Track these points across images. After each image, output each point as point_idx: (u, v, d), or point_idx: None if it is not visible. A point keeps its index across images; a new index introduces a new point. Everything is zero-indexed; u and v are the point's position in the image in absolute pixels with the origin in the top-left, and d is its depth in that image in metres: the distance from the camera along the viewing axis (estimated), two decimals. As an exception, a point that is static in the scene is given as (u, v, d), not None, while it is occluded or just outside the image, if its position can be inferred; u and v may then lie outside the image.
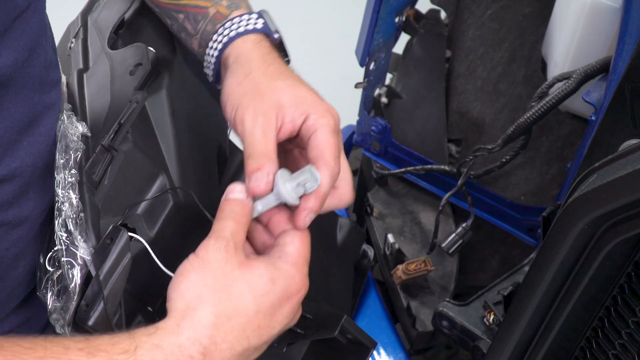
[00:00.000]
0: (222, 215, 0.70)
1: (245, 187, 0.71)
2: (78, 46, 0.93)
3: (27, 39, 0.68)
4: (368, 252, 1.15)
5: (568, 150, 1.32)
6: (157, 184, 0.77)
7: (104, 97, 0.82)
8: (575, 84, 1.01)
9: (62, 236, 0.71)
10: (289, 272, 0.68)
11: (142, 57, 0.83)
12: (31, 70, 0.70)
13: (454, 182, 1.33)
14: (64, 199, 0.72)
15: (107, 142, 0.75)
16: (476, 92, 1.43)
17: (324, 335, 0.82)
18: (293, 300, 0.69)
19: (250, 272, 0.66)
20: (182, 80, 0.88)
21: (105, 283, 0.67)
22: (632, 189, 0.65)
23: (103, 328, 0.67)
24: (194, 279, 0.65)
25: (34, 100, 0.71)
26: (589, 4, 1.07)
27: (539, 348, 0.81)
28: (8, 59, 0.65)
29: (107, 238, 0.69)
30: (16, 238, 0.74)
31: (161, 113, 0.83)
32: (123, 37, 0.91)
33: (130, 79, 0.82)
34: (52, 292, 0.73)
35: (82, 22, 0.96)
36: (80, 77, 0.87)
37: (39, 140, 0.73)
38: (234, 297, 0.65)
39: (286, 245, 0.70)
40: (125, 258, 0.68)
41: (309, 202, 0.71)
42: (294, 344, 0.86)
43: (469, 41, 1.45)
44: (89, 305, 0.67)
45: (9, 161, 0.70)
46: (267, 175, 0.70)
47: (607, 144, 0.81)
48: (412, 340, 1.25)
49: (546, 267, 0.75)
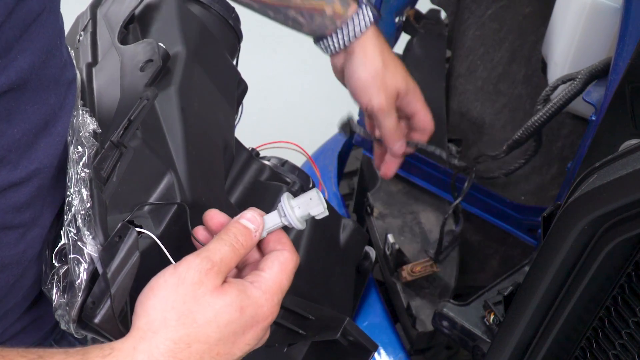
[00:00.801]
0: (224, 236, 0.69)
1: (260, 219, 0.71)
2: (87, 39, 0.92)
3: (44, 41, 0.67)
4: (370, 254, 1.15)
5: (568, 150, 1.32)
6: (164, 182, 0.77)
7: (114, 92, 0.82)
8: (581, 85, 1.01)
9: (71, 232, 0.71)
10: (258, 301, 0.68)
11: (153, 54, 0.83)
12: (47, 71, 0.69)
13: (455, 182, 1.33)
14: (75, 194, 0.72)
15: (117, 139, 0.75)
16: (476, 92, 1.43)
17: (325, 337, 0.82)
18: (257, 328, 0.68)
19: (221, 299, 0.66)
20: (191, 76, 0.88)
21: (113, 281, 0.66)
22: (632, 189, 0.65)
23: (109, 326, 0.67)
24: (163, 297, 0.65)
25: (50, 101, 0.71)
26: (589, 4, 1.07)
27: (539, 348, 0.81)
28: (25, 62, 0.65)
29: (116, 236, 0.68)
30: (32, 239, 0.74)
31: (170, 110, 0.82)
32: (133, 32, 0.91)
33: (141, 75, 0.82)
34: (57, 287, 0.72)
35: (91, 14, 0.96)
36: (89, 71, 0.87)
37: (56, 141, 0.73)
38: (198, 324, 0.64)
39: (264, 270, 0.70)
40: (134, 256, 0.68)
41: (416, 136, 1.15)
42: (295, 345, 0.86)
43: (469, 41, 1.45)
44: (95, 303, 0.66)
45: (27, 164, 0.70)
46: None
47: (607, 144, 0.81)
48: (412, 340, 1.25)
49: (546, 267, 0.75)
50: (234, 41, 1.02)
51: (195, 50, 0.90)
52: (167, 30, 0.90)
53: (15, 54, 0.63)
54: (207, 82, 0.91)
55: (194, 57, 0.89)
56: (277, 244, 0.73)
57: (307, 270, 0.92)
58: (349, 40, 1.05)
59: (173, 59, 0.86)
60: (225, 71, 0.97)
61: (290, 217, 0.72)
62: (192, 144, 0.82)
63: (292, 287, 0.87)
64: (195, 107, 0.86)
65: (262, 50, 2.66)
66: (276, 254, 0.71)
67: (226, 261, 0.68)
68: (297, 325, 0.83)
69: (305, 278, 0.92)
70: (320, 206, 0.72)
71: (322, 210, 0.72)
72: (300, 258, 0.91)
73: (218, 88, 0.92)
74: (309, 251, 0.95)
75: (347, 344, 0.84)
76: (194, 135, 0.83)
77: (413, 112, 1.15)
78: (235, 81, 0.98)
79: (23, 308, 0.79)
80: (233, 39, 1.01)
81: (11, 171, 0.68)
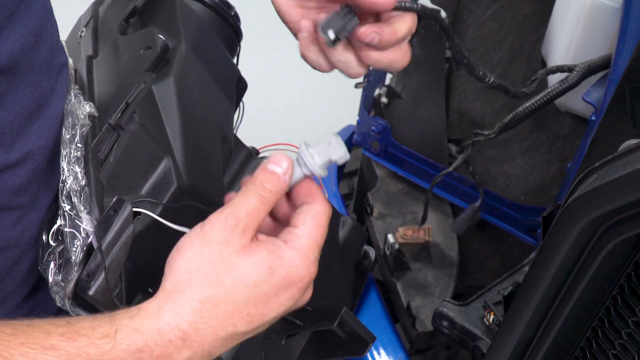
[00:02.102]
0: (250, 186, 0.67)
1: (289, 161, 0.69)
2: (88, 34, 0.94)
3: (33, 23, 0.68)
4: (369, 254, 1.15)
5: (568, 150, 1.32)
6: (161, 167, 0.77)
7: (113, 81, 0.83)
8: (577, 78, 1.01)
9: (66, 208, 0.71)
10: (292, 261, 0.65)
11: (152, 41, 0.83)
12: (38, 54, 0.70)
13: (454, 182, 1.34)
14: (69, 173, 0.72)
15: (114, 121, 0.75)
16: (476, 92, 1.43)
17: (323, 327, 0.82)
18: (293, 289, 0.66)
19: (248, 259, 0.64)
20: (189, 69, 0.88)
21: (107, 253, 0.66)
22: (632, 189, 0.65)
23: (104, 299, 0.66)
24: (189, 258, 0.63)
25: (42, 84, 0.72)
26: (589, 4, 1.07)
27: (539, 348, 0.81)
28: (15, 45, 0.66)
29: (111, 210, 0.68)
30: (29, 222, 0.75)
31: (168, 98, 0.82)
32: (133, 25, 0.92)
33: (139, 61, 0.82)
34: (54, 264, 0.72)
35: (93, 12, 0.98)
36: (89, 63, 0.88)
37: (49, 124, 0.73)
38: (224, 285, 0.63)
39: (297, 227, 0.67)
40: (128, 229, 0.67)
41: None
42: (293, 337, 0.87)
43: (469, 41, 1.45)
44: (90, 276, 0.66)
45: (21, 145, 0.71)
46: None
47: (607, 144, 0.81)
48: (412, 340, 1.25)
49: (546, 267, 0.75)
50: (234, 39, 1.03)
51: (195, 45, 0.91)
52: (167, 24, 0.91)
53: (5, 36, 0.64)
54: (205, 75, 0.92)
55: (192, 51, 0.90)
56: (307, 197, 0.69)
57: None
58: None
59: (172, 52, 0.87)
60: (224, 67, 0.98)
61: (310, 165, 0.69)
62: (190, 131, 0.82)
63: None
64: (194, 97, 0.86)
65: (262, 50, 2.66)
66: (307, 207, 0.68)
67: (253, 214, 0.65)
68: (295, 315, 0.84)
69: None
70: (341, 149, 0.69)
71: (343, 154, 0.70)
72: None
73: (216, 82, 0.93)
74: None
75: (345, 336, 0.84)
76: (192, 124, 0.84)
77: None
78: (234, 78, 0.99)
79: (22, 293, 0.80)
80: (232, 37, 1.02)
81: (6, 153, 0.69)
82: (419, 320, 1.22)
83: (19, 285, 0.78)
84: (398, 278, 1.27)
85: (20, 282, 0.78)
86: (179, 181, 0.77)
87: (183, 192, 0.78)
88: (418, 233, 1.24)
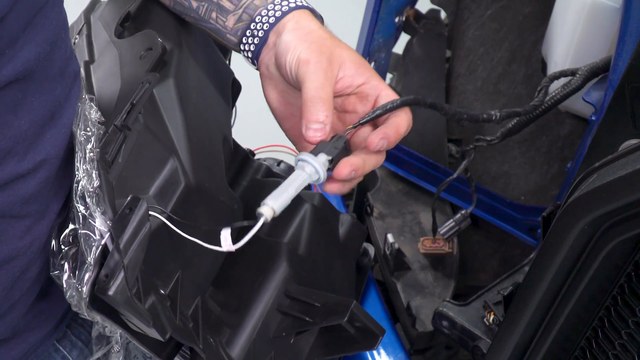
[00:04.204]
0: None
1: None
2: (82, 41, 0.93)
3: (49, 33, 0.68)
4: (369, 251, 1.15)
5: (568, 150, 1.32)
6: (168, 167, 0.77)
7: (113, 84, 0.83)
8: (580, 81, 1.01)
9: (80, 209, 0.70)
10: None
11: (152, 43, 0.83)
12: (53, 63, 0.70)
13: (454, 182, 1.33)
14: (84, 174, 0.72)
15: (120, 122, 0.75)
16: (476, 92, 1.43)
17: (333, 322, 0.82)
18: None
19: None
20: (186, 71, 0.89)
21: (125, 252, 0.66)
22: (632, 189, 0.65)
23: (122, 299, 0.65)
24: None
25: (56, 92, 0.71)
26: (589, 4, 1.07)
27: (539, 348, 0.81)
28: (31, 54, 0.66)
29: (126, 208, 0.68)
30: (38, 231, 0.74)
31: (169, 99, 0.83)
32: (129, 30, 0.91)
33: (141, 62, 0.82)
34: (68, 265, 0.71)
35: (85, 19, 0.97)
36: (87, 68, 0.87)
37: (62, 132, 0.73)
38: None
39: None
40: (145, 227, 0.67)
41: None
42: (302, 335, 0.87)
43: (469, 41, 1.45)
44: (109, 275, 0.65)
45: (34, 155, 0.70)
46: (325, 126, 0.76)
47: (607, 144, 0.81)
48: (412, 340, 1.25)
49: (546, 267, 0.75)
50: None
51: (190, 47, 0.91)
52: (162, 27, 0.91)
53: (21, 45, 0.64)
54: (202, 77, 0.92)
55: (189, 53, 0.90)
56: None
57: (309, 262, 0.93)
58: (283, 14, 0.84)
59: (169, 54, 0.87)
60: (220, 69, 0.99)
61: (319, 170, 0.75)
62: (193, 131, 0.83)
63: (296, 277, 0.88)
64: (193, 99, 0.87)
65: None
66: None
67: None
68: (304, 313, 0.84)
69: (308, 269, 0.92)
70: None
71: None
72: (302, 250, 0.92)
73: (213, 84, 0.93)
74: (310, 243, 0.95)
75: (354, 331, 0.84)
76: (194, 124, 0.84)
77: (377, 92, 0.84)
78: (229, 79, 0.99)
79: (29, 301, 0.80)
80: None
81: (19, 162, 0.69)
82: (419, 320, 1.22)
83: (26, 294, 0.78)
84: (398, 278, 1.27)
85: (27, 290, 0.77)
86: (186, 181, 0.78)
87: (191, 192, 0.78)
88: (438, 244, 1.26)
